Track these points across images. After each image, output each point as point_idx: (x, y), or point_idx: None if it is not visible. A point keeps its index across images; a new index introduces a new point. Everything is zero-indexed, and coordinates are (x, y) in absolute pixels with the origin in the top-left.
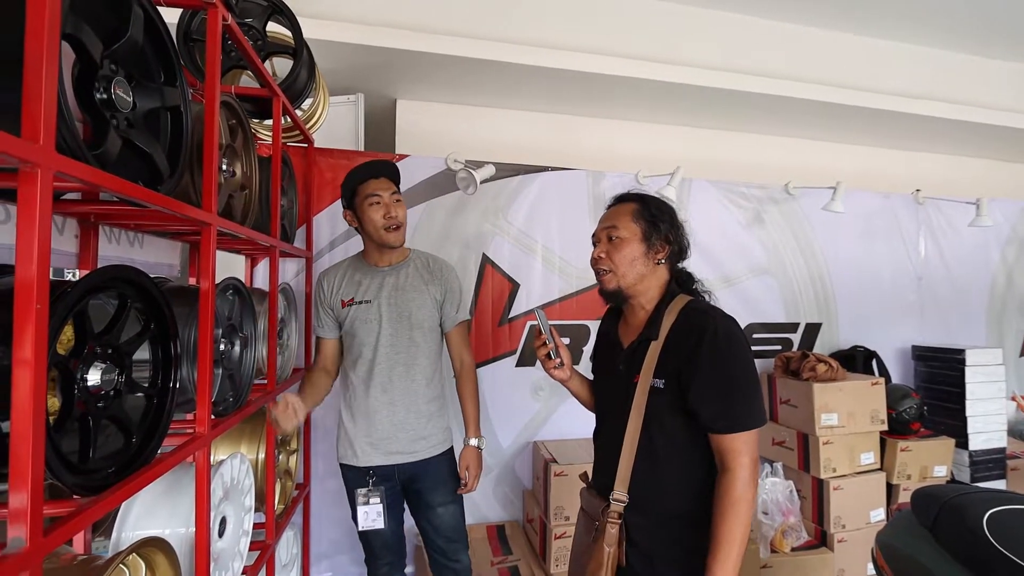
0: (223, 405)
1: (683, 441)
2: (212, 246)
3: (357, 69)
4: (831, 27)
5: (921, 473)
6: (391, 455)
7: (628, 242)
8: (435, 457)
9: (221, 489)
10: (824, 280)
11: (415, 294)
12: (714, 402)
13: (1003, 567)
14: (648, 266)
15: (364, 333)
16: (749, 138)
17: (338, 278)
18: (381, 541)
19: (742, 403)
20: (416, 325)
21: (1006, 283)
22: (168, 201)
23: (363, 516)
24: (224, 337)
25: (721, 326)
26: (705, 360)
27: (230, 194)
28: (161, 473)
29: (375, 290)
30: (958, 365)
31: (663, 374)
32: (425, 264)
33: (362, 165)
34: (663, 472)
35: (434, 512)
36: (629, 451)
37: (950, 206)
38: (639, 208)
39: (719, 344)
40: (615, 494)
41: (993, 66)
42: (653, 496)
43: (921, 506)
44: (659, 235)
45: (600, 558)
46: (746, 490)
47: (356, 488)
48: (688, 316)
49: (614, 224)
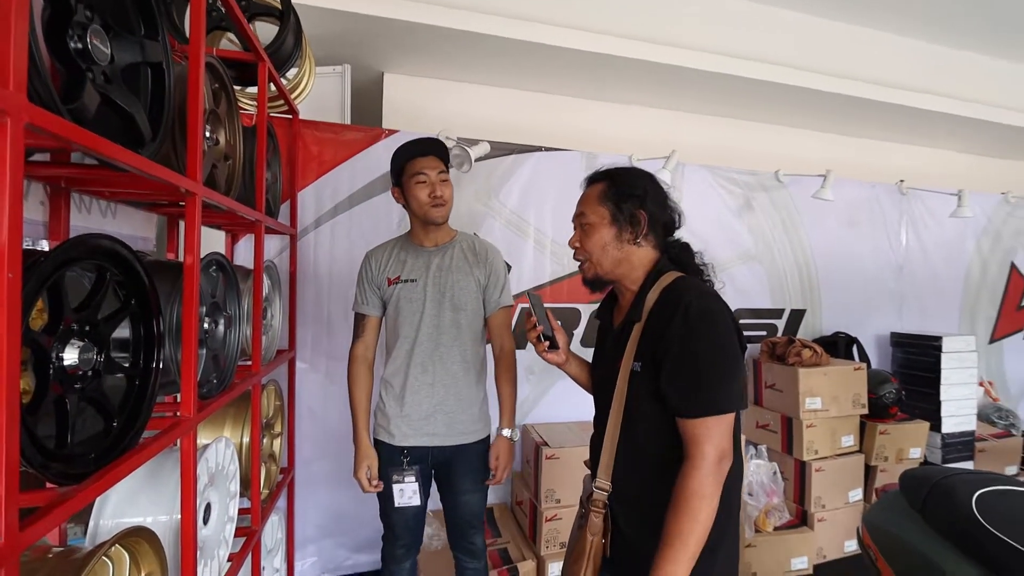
0: (207, 387)
1: (661, 427)
2: (197, 217)
3: (343, 38)
4: (824, 15)
5: (897, 455)
6: (428, 436)
7: (597, 228)
8: (471, 444)
9: (206, 475)
10: (809, 267)
11: (460, 275)
12: (680, 384)
13: (992, 545)
14: (623, 249)
15: (408, 312)
16: (740, 124)
17: (385, 256)
18: (404, 522)
19: (709, 385)
20: (459, 307)
21: (980, 273)
22: (152, 166)
23: (399, 494)
24: (208, 316)
25: (695, 303)
26: (674, 339)
27: (213, 164)
28: (146, 459)
29: (421, 269)
30: (934, 351)
31: (641, 356)
32: (471, 246)
33: (410, 142)
34: (644, 460)
35: (460, 498)
36: (611, 438)
37: (932, 197)
38: (606, 188)
39: (690, 321)
40: (598, 482)
41: (981, 62)
42: (635, 485)
43: (910, 487)
44: (623, 216)
45: (582, 547)
46: (703, 484)
47: (389, 466)
48: (666, 294)
49: (582, 210)
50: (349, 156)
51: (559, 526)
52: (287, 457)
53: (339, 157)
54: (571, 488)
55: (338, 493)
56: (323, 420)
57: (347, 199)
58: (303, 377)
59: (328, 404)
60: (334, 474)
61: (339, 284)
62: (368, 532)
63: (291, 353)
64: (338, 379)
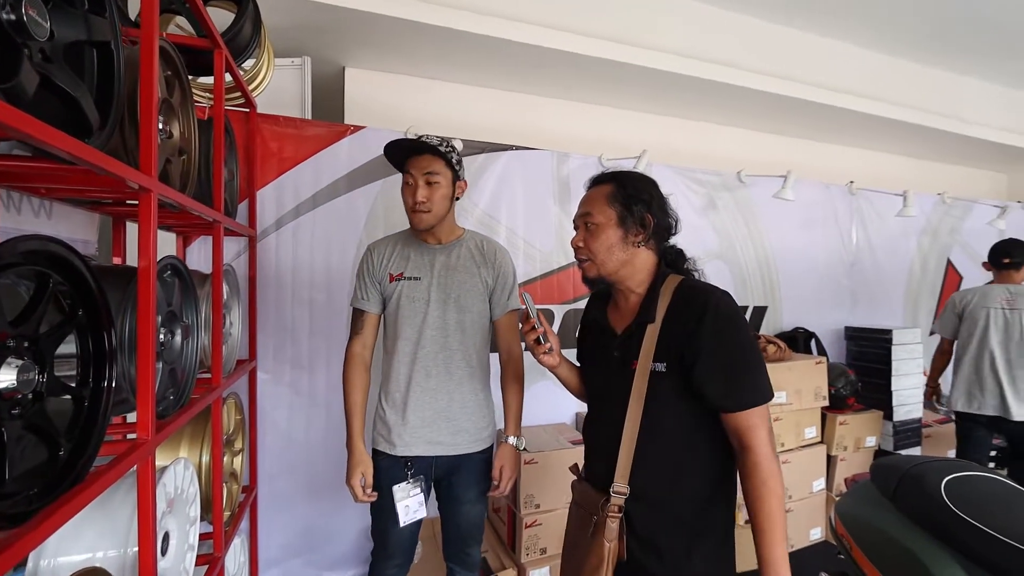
0: (163, 404)
1: (688, 423)
2: (153, 217)
3: (302, 29)
4: (784, 23)
5: (855, 444)
6: (431, 445)
7: (604, 228)
8: (476, 453)
9: (164, 501)
10: (769, 264)
11: (466, 276)
12: (721, 380)
13: (960, 528)
14: (628, 251)
15: (410, 312)
16: (705, 127)
17: (388, 250)
18: (397, 540)
19: (750, 378)
20: (465, 309)
21: (921, 269)
22: (102, 158)
23: (404, 511)
24: (163, 326)
25: (722, 302)
26: (708, 338)
27: (167, 158)
28: (99, 492)
29: (426, 267)
30: (885, 344)
31: (664, 357)
32: (479, 246)
33: (403, 140)
34: (668, 457)
35: (460, 508)
36: (630, 440)
37: (879, 197)
38: (614, 190)
39: (721, 321)
40: (615, 487)
41: (923, 72)
42: (657, 483)
43: (881, 477)
44: (634, 218)
45: (600, 554)
46: (772, 464)
47: (391, 479)
48: (684, 295)
49: (588, 210)
50: (312, 153)
51: (540, 532)
52: (249, 475)
53: (301, 154)
54: (551, 493)
55: (305, 509)
56: (287, 433)
57: (310, 199)
58: (265, 388)
59: (293, 416)
60: (300, 489)
61: (303, 289)
62: (339, 548)
63: (252, 363)
64: (303, 390)
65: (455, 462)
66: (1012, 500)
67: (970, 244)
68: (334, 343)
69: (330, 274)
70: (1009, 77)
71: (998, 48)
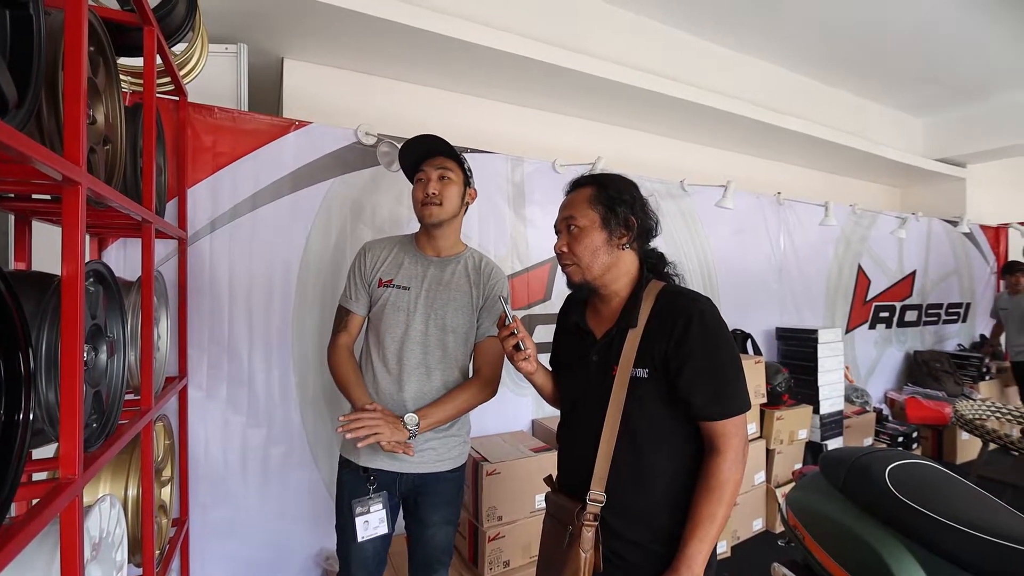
0: (87, 432)
1: (667, 430)
2: (81, 214)
3: (238, 15)
4: (723, 44)
5: (789, 437)
6: (398, 462)
7: (587, 231)
8: (445, 473)
9: (88, 547)
10: (710, 269)
11: (457, 294)
12: (707, 388)
13: (904, 512)
14: (612, 254)
15: (393, 322)
16: (649, 137)
17: (384, 253)
18: (359, 558)
19: (733, 388)
20: (450, 329)
21: (837, 274)
22: (20, 139)
23: (363, 526)
24: (87, 342)
25: (707, 310)
26: (696, 346)
27: (91, 147)
28: (18, 550)
29: (417, 278)
30: (812, 343)
31: (646, 363)
32: (476, 265)
33: (416, 143)
34: (646, 463)
35: (426, 530)
36: (607, 446)
37: (802, 207)
38: (595, 192)
39: (707, 329)
40: (591, 494)
41: (837, 95)
42: (634, 490)
43: (830, 468)
44: (618, 220)
45: (576, 565)
46: (734, 471)
47: (351, 495)
48: (668, 301)
49: (571, 213)
50: (252, 149)
51: (502, 545)
52: (180, 505)
53: (239, 150)
54: (513, 504)
55: (246, 539)
56: (222, 457)
57: (250, 199)
58: (198, 407)
59: (229, 437)
60: (240, 518)
61: (241, 298)
62: None
63: (183, 381)
64: (241, 407)
65: (420, 480)
66: (949, 485)
67: (875, 251)
68: (275, 356)
69: (273, 281)
70: (902, 103)
71: (894, 77)
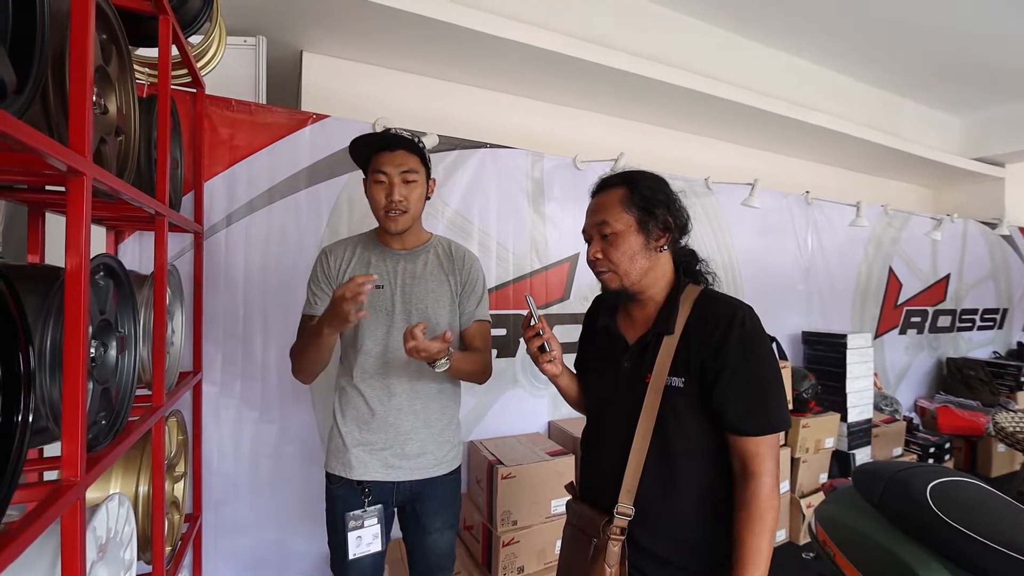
0: (94, 431)
1: (701, 444)
2: (86, 206)
3: (257, 8)
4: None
5: (815, 446)
6: (390, 469)
7: (623, 236)
8: (443, 476)
9: (95, 548)
10: (734, 270)
11: (434, 285)
12: (743, 401)
13: (946, 533)
14: (651, 257)
15: (372, 324)
16: (673, 134)
17: (347, 254)
18: (359, 573)
19: (772, 403)
20: (434, 322)
21: (867, 276)
22: (21, 128)
23: (355, 542)
24: (95, 338)
25: (748, 317)
26: (734, 355)
27: (101, 138)
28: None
29: (389, 275)
30: (841, 348)
31: (682, 371)
32: (447, 252)
33: (375, 134)
34: (679, 478)
35: (427, 538)
36: (638, 458)
37: (831, 207)
38: (628, 193)
39: (747, 338)
40: (620, 507)
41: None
42: (666, 505)
43: (865, 483)
44: (656, 222)
45: None
46: (772, 498)
47: (345, 508)
48: (706, 307)
49: (603, 219)
50: (269, 142)
51: (517, 550)
52: (192, 501)
53: (256, 143)
54: (529, 509)
55: (258, 536)
56: (235, 452)
57: (266, 193)
58: (212, 403)
59: (241, 433)
60: (251, 515)
61: (256, 293)
62: None
63: (197, 376)
64: (255, 402)
65: (421, 488)
66: (995, 505)
67: (908, 253)
68: None
69: (288, 276)
70: (939, 100)
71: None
